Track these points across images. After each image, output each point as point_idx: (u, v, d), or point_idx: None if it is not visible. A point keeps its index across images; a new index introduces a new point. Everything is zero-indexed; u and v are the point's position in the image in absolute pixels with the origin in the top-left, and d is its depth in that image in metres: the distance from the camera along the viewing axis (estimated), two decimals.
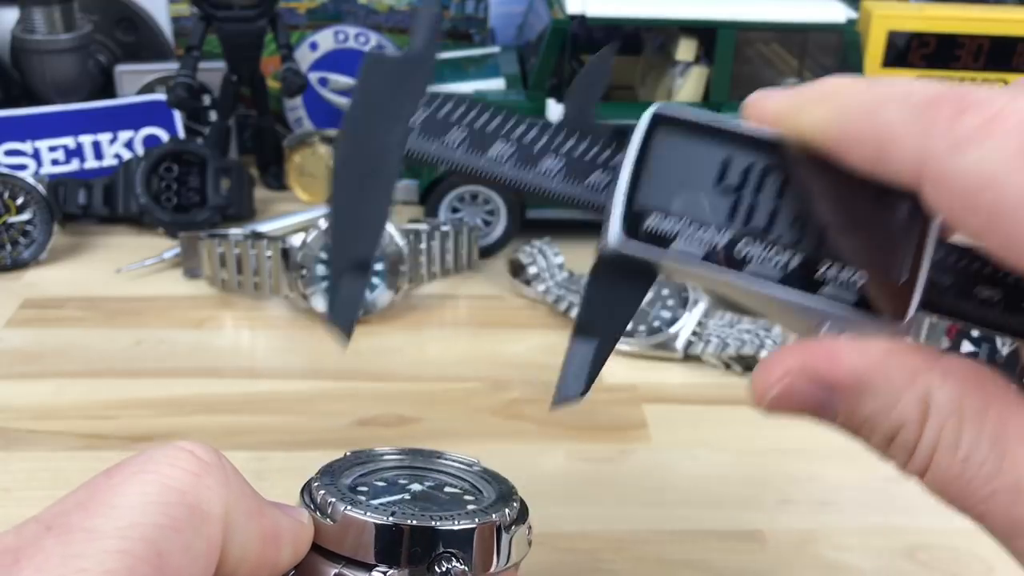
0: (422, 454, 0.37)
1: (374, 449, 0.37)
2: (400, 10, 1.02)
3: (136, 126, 0.93)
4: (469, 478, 0.36)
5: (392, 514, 0.31)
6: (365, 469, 0.35)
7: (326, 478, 0.33)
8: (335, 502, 0.31)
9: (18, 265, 0.81)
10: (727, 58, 0.82)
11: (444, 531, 0.30)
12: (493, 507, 0.33)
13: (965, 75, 0.98)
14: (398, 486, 0.34)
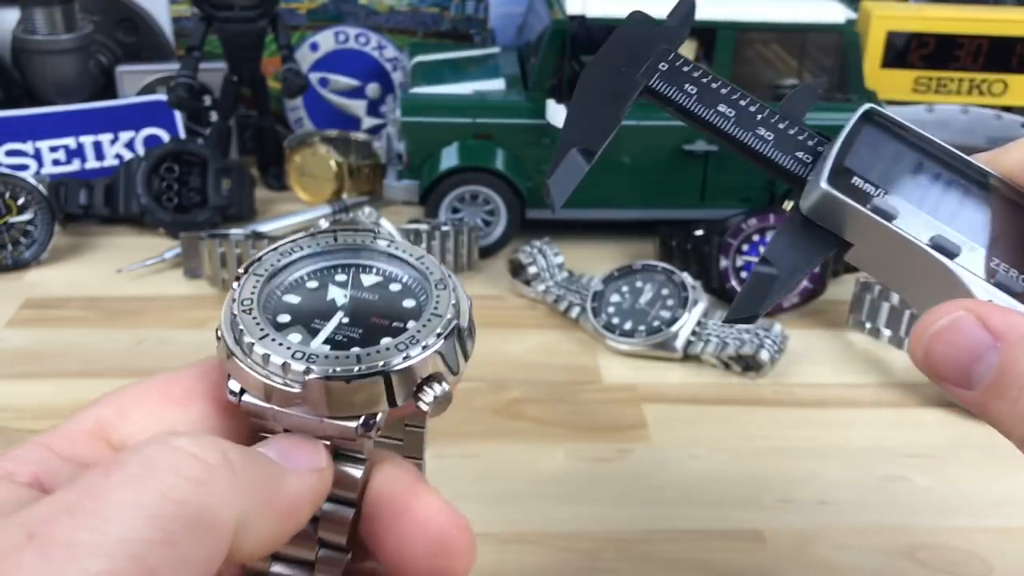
0: (325, 244, 0.31)
1: (274, 249, 0.31)
2: (400, 10, 1.02)
3: (137, 126, 0.93)
4: (385, 264, 0.31)
5: (359, 359, 0.27)
6: (279, 281, 0.30)
7: (256, 322, 0.28)
8: (292, 366, 0.26)
9: (19, 265, 0.81)
10: (727, 58, 0.82)
11: (420, 363, 0.27)
12: (440, 306, 0.29)
13: (964, 75, 0.98)
14: (326, 306, 0.29)
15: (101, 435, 0.27)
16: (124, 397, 0.28)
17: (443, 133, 0.83)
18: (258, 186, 0.93)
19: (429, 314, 0.28)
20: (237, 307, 0.28)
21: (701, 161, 0.84)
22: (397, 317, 0.29)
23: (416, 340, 0.27)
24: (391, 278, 0.30)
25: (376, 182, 0.93)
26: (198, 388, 0.28)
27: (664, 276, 0.73)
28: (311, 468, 0.27)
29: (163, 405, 0.28)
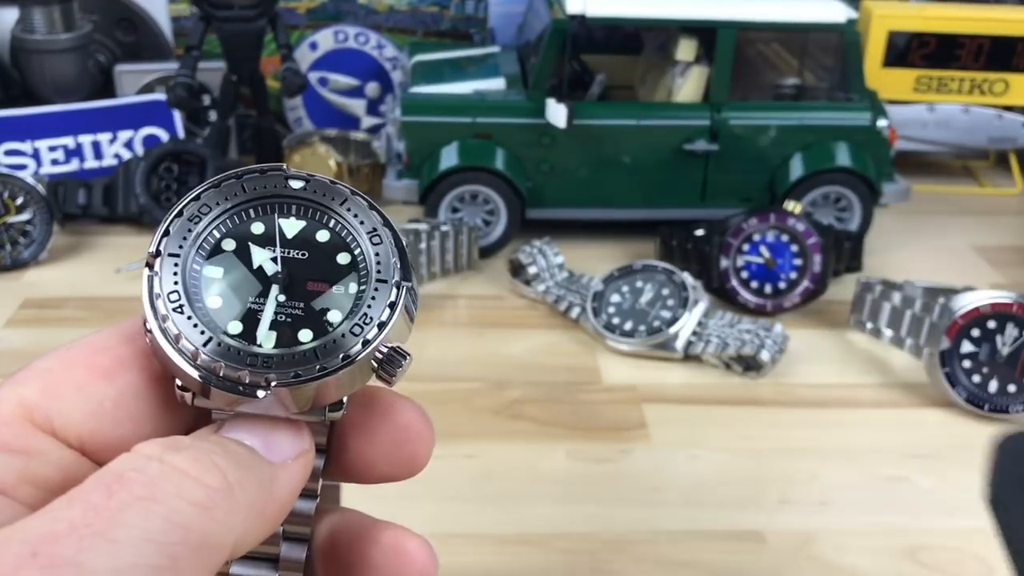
0: (234, 195, 0.27)
1: (178, 215, 0.26)
2: (400, 10, 1.02)
3: (136, 126, 0.93)
4: (306, 209, 0.27)
5: (316, 356, 0.25)
6: (195, 253, 0.26)
7: (192, 322, 0.25)
8: (248, 378, 0.24)
9: (18, 265, 0.81)
10: (727, 58, 0.82)
11: (380, 343, 0.26)
12: (382, 264, 0.26)
13: (965, 75, 0.98)
14: (255, 278, 0.26)
15: (27, 417, 0.25)
16: (48, 374, 0.27)
17: (443, 133, 0.83)
18: None
19: (373, 279, 0.26)
20: (165, 305, 0.25)
21: (702, 161, 0.84)
22: (335, 278, 0.26)
23: (369, 317, 0.25)
24: (315, 224, 0.27)
25: (376, 182, 0.93)
26: (125, 356, 0.26)
27: (664, 276, 0.73)
28: (297, 454, 0.25)
29: (90, 379, 0.26)
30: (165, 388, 0.26)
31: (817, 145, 0.84)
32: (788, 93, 0.91)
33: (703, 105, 0.83)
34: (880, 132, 0.84)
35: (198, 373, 0.24)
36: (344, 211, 0.27)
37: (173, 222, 0.26)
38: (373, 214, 0.27)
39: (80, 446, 0.25)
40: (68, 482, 0.24)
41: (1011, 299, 0.65)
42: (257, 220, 0.27)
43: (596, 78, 0.86)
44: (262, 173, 0.27)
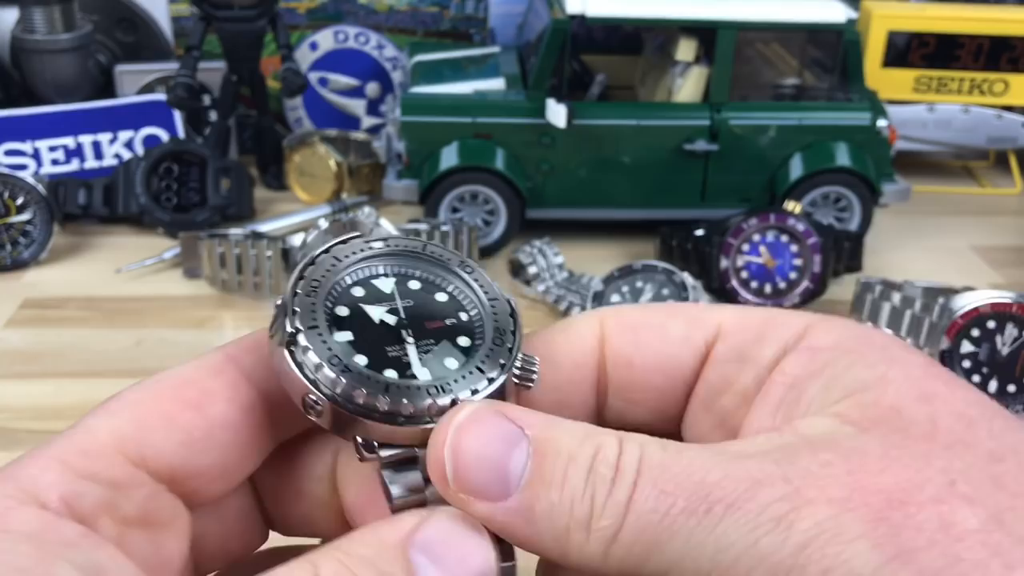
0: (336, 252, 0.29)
1: (299, 274, 0.28)
2: (400, 10, 1.02)
3: (136, 126, 0.93)
4: (386, 268, 0.30)
5: (481, 372, 0.26)
6: (316, 317, 0.27)
7: (324, 359, 0.26)
8: (434, 405, 0.26)
9: (18, 265, 0.81)
10: (727, 58, 0.82)
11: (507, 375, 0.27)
12: (487, 288, 0.29)
13: (965, 75, 0.98)
14: (384, 330, 0.28)
15: (121, 450, 0.26)
16: (138, 407, 0.27)
17: (443, 132, 0.83)
18: (257, 186, 0.93)
19: (485, 303, 0.29)
20: (333, 371, 0.25)
21: (701, 161, 0.84)
22: (446, 314, 0.29)
23: (502, 333, 0.28)
24: (404, 277, 0.30)
25: (376, 182, 0.93)
26: (213, 388, 0.28)
27: (664, 276, 0.73)
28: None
29: (180, 411, 0.27)
30: (250, 418, 0.27)
31: (817, 145, 0.84)
32: (788, 93, 0.91)
33: (703, 105, 0.83)
34: (880, 132, 0.84)
35: (387, 420, 0.26)
36: (427, 254, 0.30)
37: (294, 301, 0.27)
38: (452, 252, 0.30)
39: (169, 476, 0.26)
40: (147, 518, 0.25)
41: (1011, 299, 0.65)
42: (355, 285, 0.29)
43: (596, 78, 0.86)
44: (344, 243, 0.29)
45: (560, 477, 0.23)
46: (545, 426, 0.24)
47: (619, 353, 0.28)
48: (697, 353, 0.28)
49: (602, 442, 0.23)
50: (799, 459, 0.22)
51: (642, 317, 0.29)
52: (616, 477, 0.22)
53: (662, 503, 0.21)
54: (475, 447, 0.24)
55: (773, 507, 0.21)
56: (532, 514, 0.23)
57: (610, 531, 0.22)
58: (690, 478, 0.22)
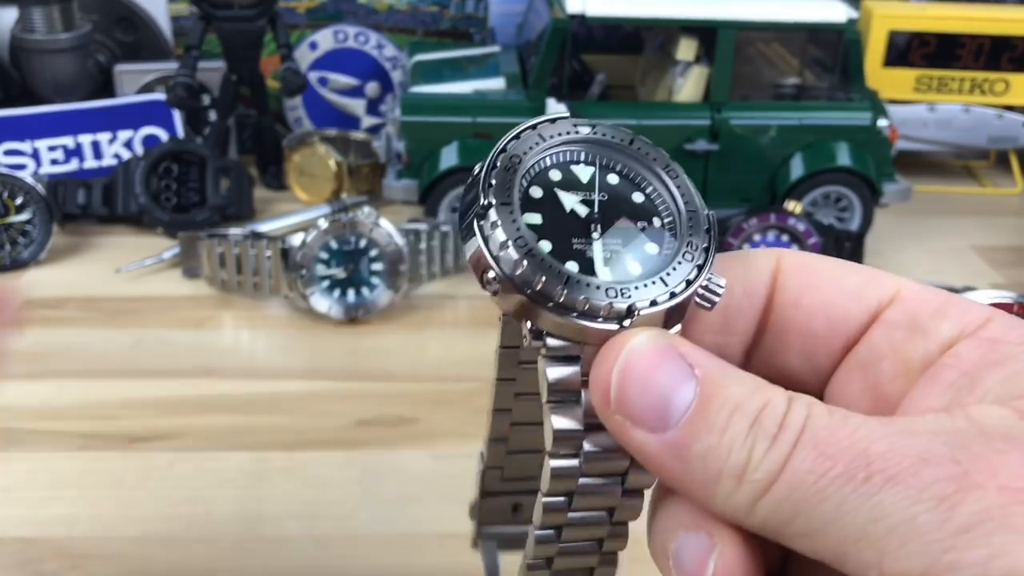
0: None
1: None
2: (400, 9, 1.02)
3: (135, 126, 0.93)
4: (588, 156, 0.29)
5: (663, 283, 0.26)
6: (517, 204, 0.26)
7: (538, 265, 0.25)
8: (611, 308, 0.25)
9: (17, 265, 0.81)
10: (727, 58, 0.81)
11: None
12: (688, 198, 0.28)
13: (966, 74, 0.98)
14: (573, 220, 0.27)
15: None
16: None
17: (443, 132, 0.83)
18: (257, 186, 0.93)
19: (683, 211, 0.28)
20: (518, 251, 0.25)
21: (702, 161, 0.84)
22: (640, 215, 0.28)
23: (694, 244, 0.27)
24: (604, 169, 0.29)
25: (375, 182, 0.93)
26: None
27: None
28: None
29: None
30: None
31: (817, 145, 0.84)
32: (788, 93, 0.91)
33: (703, 105, 0.83)
34: (881, 132, 0.84)
35: (561, 311, 0.25)
36: (632, 150, 0.29)
37: (491, 173, 0.26)
38: (660, 151, 0.28)
39: None
40: None
41: (1011, 299, 0.65)
42: (554, 168, 0.28)
43: (596, 78, 0.86)
44: (552, 122, 0.28)
45: (723, 422, 0.23)
46: (717, 370, 0.24)
47: (790, 291, 0.28)
48: (868, 310, 0.27)
49: (771, 397, 0.23)
50: (971, 443, 0.21)
51: (820, 263, 0.28)
52: (779, 433, 0.22)
53: (820, 464, 0.21)
54: (644, 373, 0.24)
55: (938, 485, 0.20)
56: (687, 451, 0.23)
57: (761, 484, 0.22)
58: (854, 445, 0.21)
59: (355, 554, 0.53)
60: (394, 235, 0.74)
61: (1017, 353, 0.24)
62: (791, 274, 0.28)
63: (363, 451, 0.61)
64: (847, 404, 0.26)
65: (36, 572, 0.51)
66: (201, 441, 0.61)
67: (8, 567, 0.51)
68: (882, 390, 0.26)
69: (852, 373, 0.27)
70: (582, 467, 0.26)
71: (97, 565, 0.52)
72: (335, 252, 0.73)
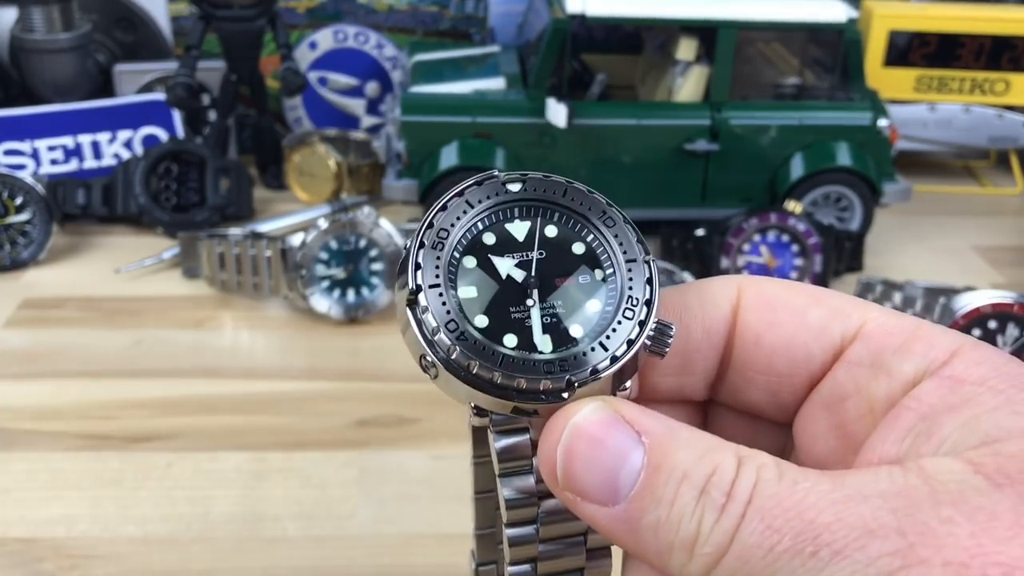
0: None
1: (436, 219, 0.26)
2: (400, 9, 1.02)
3: (135, 126, 0.93)
4: (523, 211, 0.28)
5: (603, 348, 0.25)
6: (446, 282, 0.26)
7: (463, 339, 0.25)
8: (550, 384, 0.25)
9: (17, 265, 0.81)
10: (728, 57, 0.81)
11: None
12: (628, 246, 0.27)
13: (966, 74, 0.98)
14: (508, 288, 0.26)
15: None
16: None
17: (443, 132, 0.82)
18: (257, 185, 0.93)
19: (622, 262, 0.27)
20: (448, 336, 0.25)
21: (702, 161, 0.83)
22: (579, 270, 0.27)
23: (635, 300, 0.26)
24: (541, 221, 0.27)
25: (375, 181, 0.93)
26: None
27: (665, 276, 0.73)
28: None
29: None
30: None
31: (818, 145, 0.84)
32: (788, 93, 0.91)
33: (703, 105, 0.83)
34: (881, 132, 0.84)
35: (499, 393, 0.25)
36: (567, 202, 0.27)
37: (419, 253, 0.26)
38: (595, 198, 0.27)
39: None
40: None
41: (1012, 299, 0.64)
42: (487, 231, 0.27)
43: (596, 78, 0.86)
44: (479, 184, 0.27)
45: (671, 494, 0.22)
46: (664, 434, 0.23)
47: (750, 327, 0.27)
48: (831, 348, 0.27)
49: (720, 462, 0.22)
50: (919, 511, 0.21)
51: (783, 295, 0.27)
52: (727, 504, 0.22)
53: (768, 539, 0.21)
54: (587, 451, 0.23)
55: (883, 561, 0.20)
56: (637, 525, 0.23)
57: (712, 558, 0.22)
58: (801, 516, 0.21)
59: (355, 554, 0.53)
60: (394, 235, 0.74)
61: (976, 396, 0.23)
62: (752, 310, 0.27)
63: (362, 451, 0.61)
64: (814, 443, 0.26)
65: (35, 572, 0.51)
66: (200, 441, 0.61)
67: (7, 567, 0.51)
68: (847, 429, 0.26)
69: (817, 411, 0.27)
70: (539, 532, 0.26)
71: (96, 565, 0.52)
72: (335, 252, 0.73)
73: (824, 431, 0.26)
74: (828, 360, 0.27)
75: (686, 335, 0.27)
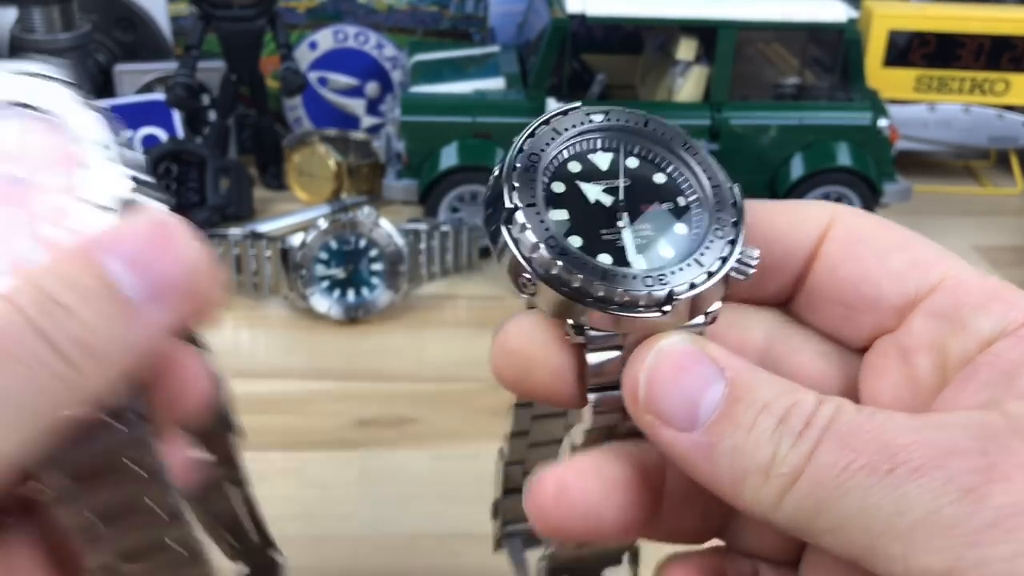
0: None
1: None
2: (400, 9, 1.02)
3: (135, 126, 0.93)
4: (604, 142, 0.28)
5: (698, 264, 0.26)
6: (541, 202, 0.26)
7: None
8: (649, 296, 0.25)
9: None
10: (728, 57, 0.81)
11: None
12: (711, 172, 0.28)
13: (966, 74, 0.98)
14: (599, 211, 0.27)
15: None
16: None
17: (443, 132, 0.82)
18: (257, 185, 0.93)
19: (706, 187, 0.27)
20: (549, 251, 0.25)
21: None
22: (664, 197, 0.28)
23: (724, 220, 0.27)
24: (622, 153, 0.28)
25: (375, 181, 0.93)
26: None
27: None
28: None
29: None
30: None
31: (818, 145, 0.84)
32: (788, 93, 0.91)
33: (703, 105, 0.83)
34: (881, 132, 0.84)
35: (600, 306, 0.25)
36: (648, 131, 0.28)
37: (512, 175, 0.26)
38: (676, 129, 0.28)
39: None
40: None
41: None
42: (572, 160, 0.28)
43: (596, 78, 0.86)
44: (564, 114, 0.28)
45: (750, 420, 0.23)
46: (747, 373, 0.24)
47: (830, 257, 0.27)
48: (903, 295, 0.26)
49: (800, 398, 0.23)
50: (1001, 436, 0.21)
51: (872, 232, 0.27)
52: (804, 430, 0.22)
53: (843, 457, 0.21)
54: (671, 376, 0.24)
55: (964, 477, 0.20)
56: (714, 450, 0.23)
57: (787, 479, 0.22)
58: (878, 438, 0.21)
59: (355, 554, 0.53)
60: (394, 235, 0.74)
61: None
62: (837, 240, 0.27)
63: (363, 451, 0.61)
64: (884, 392, 0.26)
65: None
66: None
67: None
68: (919, 382, 0.26)
69: (888, 360, 0.27)
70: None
71: None
72: (335, 252, 0.73)
73: (893, 382, 0.26)
74: (898, 306, 0.26)
75: (768, 252, 0.27)
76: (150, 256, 0.22)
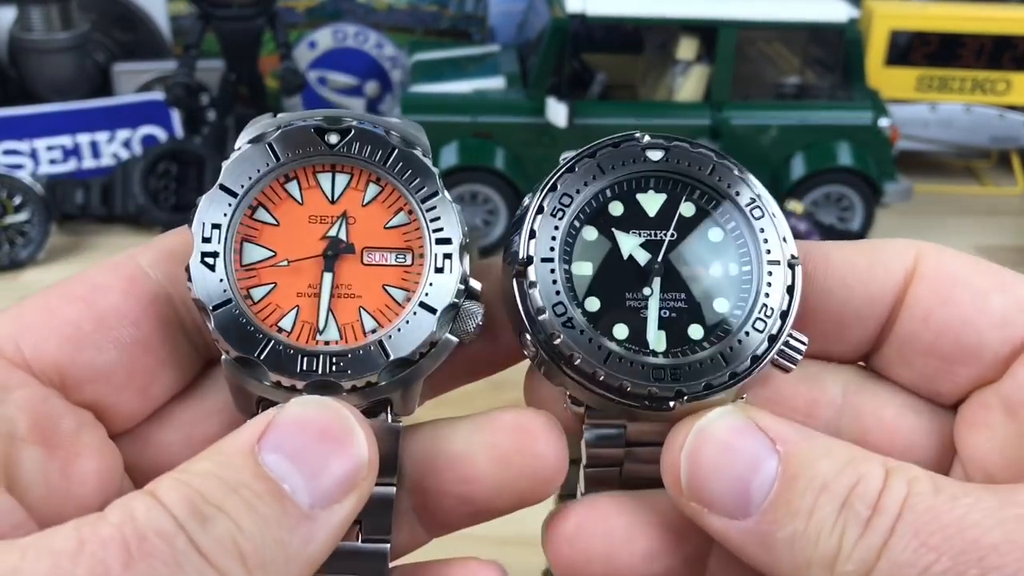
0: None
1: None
2: (399, 8, 1.01)
3: (134, 125, 0.93)
4: (659, 183, 0.25)
5: (723, 362, 0.23)
6: (561, 255, 0.24)
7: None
8: (656, 391, 0.23)
9: (15, 265, 0.80)
10: (728, 57, 0.81)
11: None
12: (772, 243, 0.24)
13: (967, 74, 0.97)
14: (629, 269, 0.24)
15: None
16: (21, 307, 0.24)
17: (442, 131, 0.82)
18: None
19: (763, 259, 0.24)
20: (552, 320, 0.23)
21: None
22: (711, 259, 0.24)
23: (770, 309, 0.24)
24: (677, 195, 0.25)
25: None
26: (104, 283, 0.24)
27: None
28: None
29: (64, 304, 0.24)
30: (156, 314, 0.24)
31: (819, 144, 0.83)
32: (789, 92, 0.91)
33: (704, 104, 0.83)
34: (882, 131, 0.84)
35: (600, 390, 0.23)
36: (712, 180, 0.25)
37: (536, 219, 0.24)
38: (747, 179, 0.25)
39: (59, 377, 0.23)
40: (43, 432, 0.22)
41: None
42: (616, 199, 0.24)
43: (596, 77, 0.86)
44: (615, 146, 0.24)
45: (809, 505, 0.20)
46: (803, 443, 0.21)
47: (922, 302, 0.24)
48: (1011, 343, 0.23)
49: (865, 472, 0.20)
50: None
51: (965, 272, 0.25)
52: (872, 517, 0.20)
53: (922, 557, 0.19)
54: (717, 458, 0.21)
55: None
56: (772, 539, 0.21)
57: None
58: (962, 534, 0.19)
59: None
60: None
61: None
62: (927, 282, 0.24)
63: None
64: (989, 452, 0.23)
65: None
66: None
67: None
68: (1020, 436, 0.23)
69: (992, 414, 0.24)
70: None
71: None
72: None
73: (1000, 439, 0.23)
74: (1006, 355, 0.24)
75: (846, 299, 0.24)
76: (310, 455, 0.21)
